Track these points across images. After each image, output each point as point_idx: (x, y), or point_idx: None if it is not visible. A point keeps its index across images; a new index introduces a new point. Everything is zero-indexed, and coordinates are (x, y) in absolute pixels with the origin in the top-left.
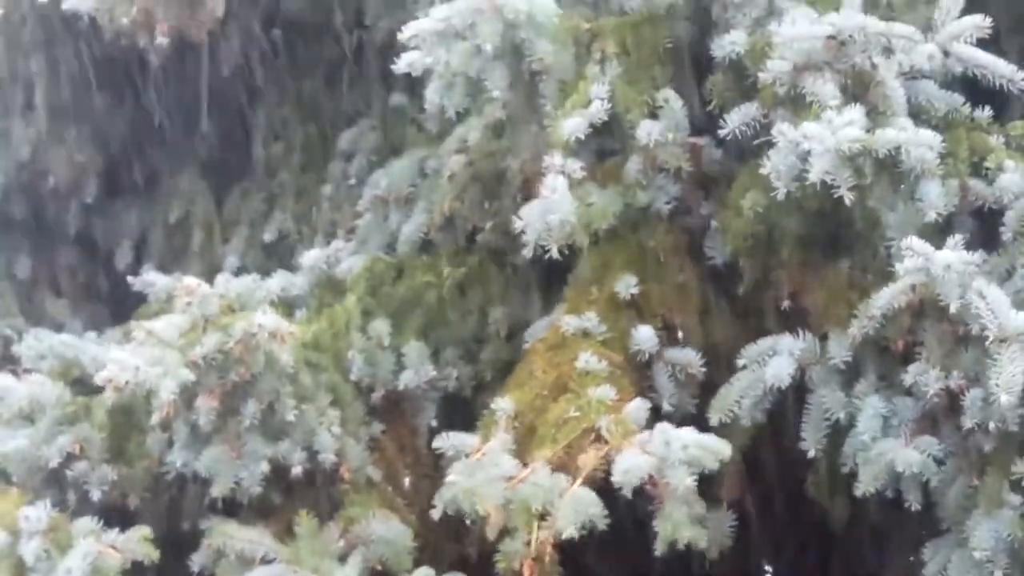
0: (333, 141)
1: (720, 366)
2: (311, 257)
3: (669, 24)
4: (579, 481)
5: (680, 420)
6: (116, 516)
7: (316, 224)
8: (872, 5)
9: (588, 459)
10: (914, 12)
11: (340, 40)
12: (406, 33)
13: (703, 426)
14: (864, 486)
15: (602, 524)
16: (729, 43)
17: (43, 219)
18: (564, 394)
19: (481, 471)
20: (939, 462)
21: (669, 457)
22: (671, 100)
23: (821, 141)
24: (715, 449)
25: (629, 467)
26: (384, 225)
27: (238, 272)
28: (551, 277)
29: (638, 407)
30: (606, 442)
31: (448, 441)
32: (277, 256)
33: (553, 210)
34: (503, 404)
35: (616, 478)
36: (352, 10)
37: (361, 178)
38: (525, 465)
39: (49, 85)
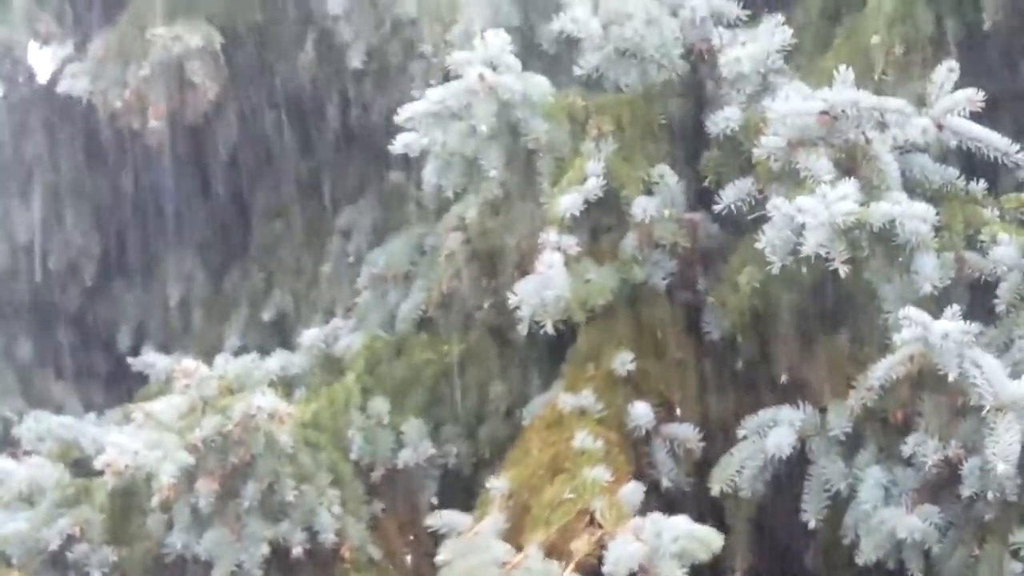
0: (332, 219)
1: (718, 441)
2: (310, 336)
3: (664, 101)
4: (571, 567)
5: (678, 496)
6: None
7: (315, 302)
8: (866, 80)
9: (581, 544)
10: (908, 86)
11: (338, 119)
12: (402, 115)
13: (702, 501)
14: (866, 555)
15: None
16: (723, 119)
17: (43, 301)
18: (560, 474)
19: (474, 554)
20: (940, 530)
21: (660, 548)
22: (666, 176)
23: (815, 215)
24: (706, 540)
25: (620, 556)
26: (383, 303)
27: (238, 351)
28: (550, 354)
29: (633, 490)
30: (599, 526)
31: (442, 519)
32: (277, 335)
33: (549, 286)
34: (498, 483)
35: (607, 568)
36: (349, 89)
37: (360, 256)
38: (519, 547)
39: (47, 167)
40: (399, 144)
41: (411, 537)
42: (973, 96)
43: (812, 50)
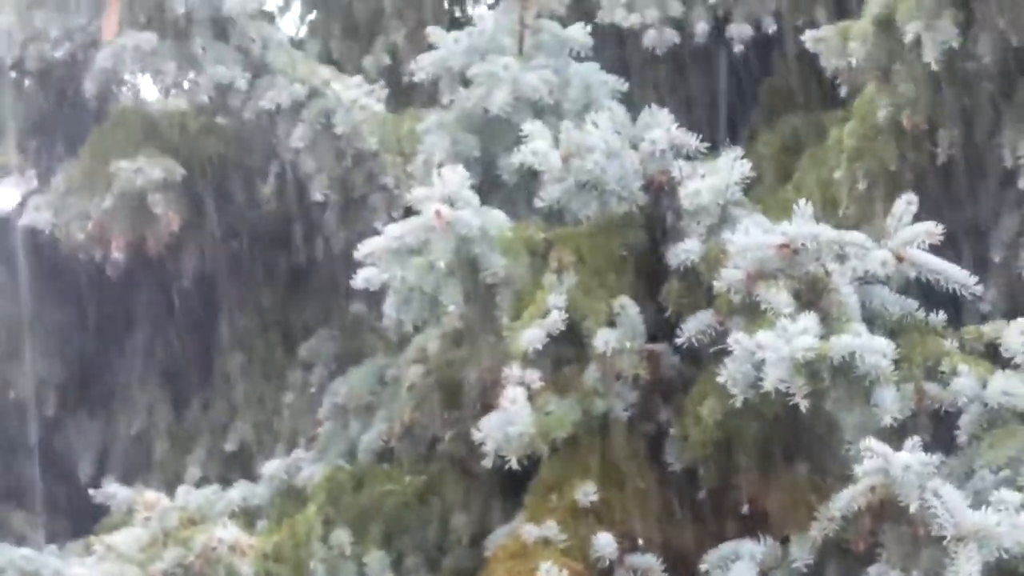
0: (293, 350)
1: (682, 571)
2: (272, 467)
3: (624, 233)
4: None
5: None
6: None
7: (277, 433)
8: (828, 213)
9: None
10: (871, 221)
11: (300, 250)
12: (362, 251)
13: None
14: None
15: None
16: (684, 251)
17: (3, 432)
18: None
19: None
20: None
21: None
22: (628, 308)
23: (776, 350)
24: None
25: None
26: (344, 434)
27: (200, 482)
28: (512, 484)
29: None
30: None
31: None
32: (239, 465)
33: (513, 422)
34: None
35: None
36: (311, 220)
37: (321, 386)
38: None
39: (7, 298)
40: (359, 279)
41: None
42: (932, 229)
43: (773, 182)
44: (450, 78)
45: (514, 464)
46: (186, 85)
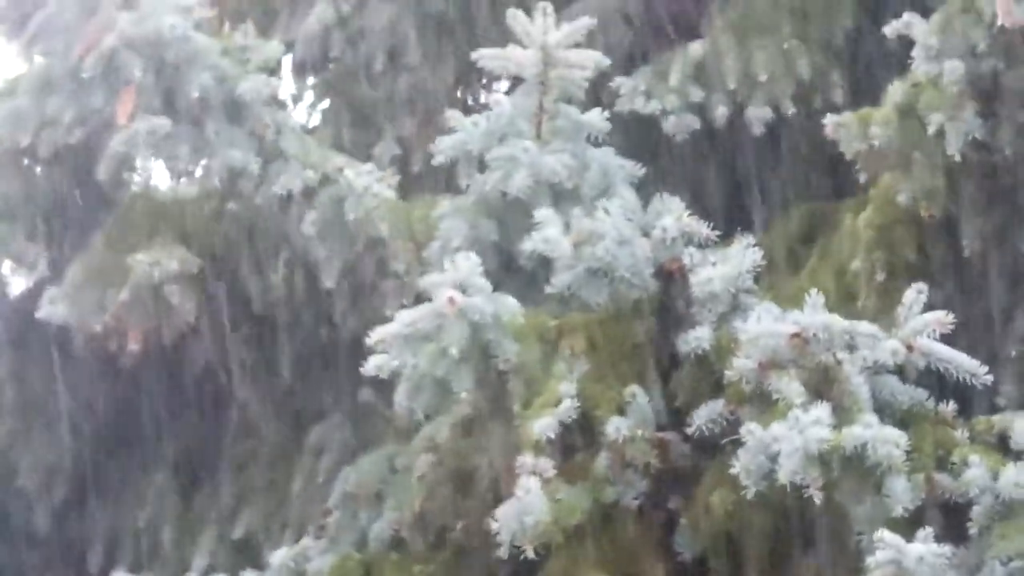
0: (303, 437)
1: None
2: (280, 556)
3: (635, 320)
4: None
5: None
6: None
7: (286, 521)
8: (840, 302)
9: None
10: (889, 313)
11: (310, 337)
12: (373, 338)
13: None
14: None
15: None
16: (695, 339)
17: (12, 520)
18: None
19: None
20: None
21: None
22: (638, 396)
23: (790, 442)
24: None
25: None
26: (354, 522)
27: (207, 572)
28: (523, 573)
29: None
30: None
31: None
32: (247, 554)
33: (528, 512)
34: None
35: None
36: (322, 307)
37: (331, 474)
38: None
39: (18, 386)
40: (370, 366)
41: None
42: (943, 318)
43: (786, 271)
44: (468, 162)
45: (530, 554)
46: (198, 170)
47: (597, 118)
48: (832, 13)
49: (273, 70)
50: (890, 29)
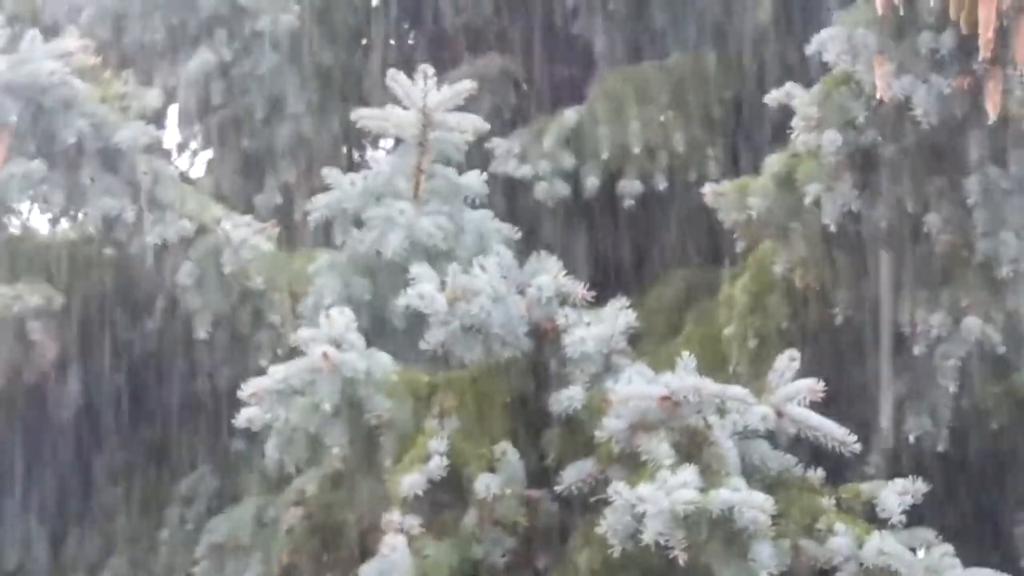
0: (173, 486)
1: None
2: None
3: (508, 378)
4: None
5: None
6: None
7: (153, 570)
8: (716, 367)
9: None
10: (760, 378)
11: (182, 386)
12: (246, 391)
13: None
14: None
15: None
16: (567, 398)
17: None
18: None
19: None
20: None
21: None
22: (508, 454)
23: (656, 503)
24: None
25: None
26: (221, 573)
27: None
28: None
29: None
30: None
31: None
32: None
33: (393, 569)
34: None
35: None
36: (195, 358)
37: (199, 524)
38: None
39: None
40: (242, 419)
41: None
42: (813, 386)
43: (662, 335)
44: (344, 220)
45: None
46: (76, 216)
47: (475, 180)
48: (713, 83)
49: (156, 117)
50: (771, 98)
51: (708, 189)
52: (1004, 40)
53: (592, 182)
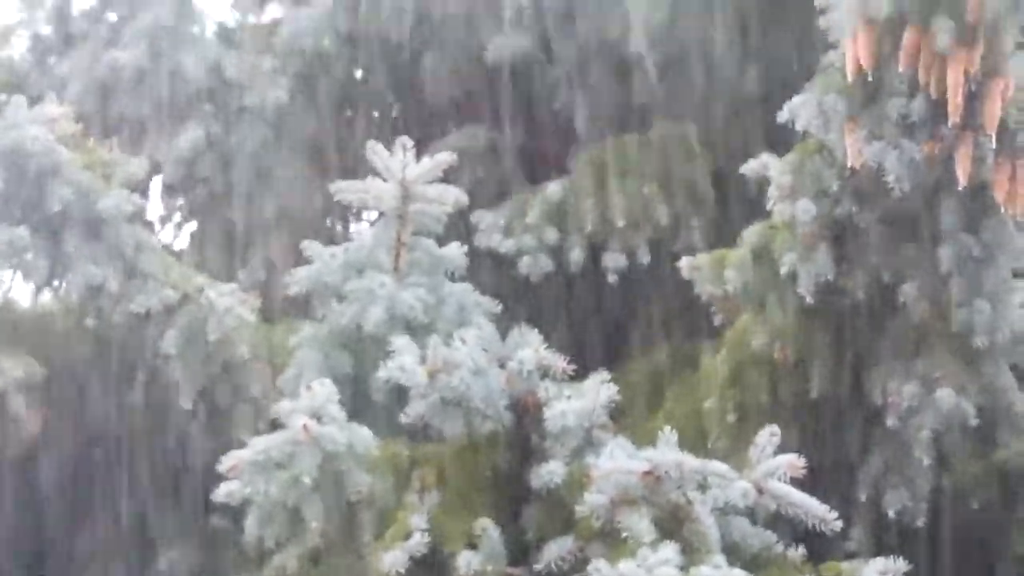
0: (152, 561)
1: None
2: None
3: (488, 452)
4: None
5: None
6: None
7: None
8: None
9: None
10: (740, 452)
11: (163, 459)
12: (225, 464)
13: None
14: None
15: None
16: (547, 473)
17: None
18: None
19: None
20: None
21: None
22: (489, 530)
23: None
24: None
25: None
26: None
27: None
28: None
29: None
30: None
31: None
32: None
33: None
34: None
35: None
36: (176, 430)
37: None
38: None
39: None
40: (221, 492)
41: None
42: (795, 462)
43: (644, 410)
44: (325, 293)
45: None
46: (58, 285)
47: (455, 253)
48: (695, 155)
49: (140, 189)
50: (748, 169)
51: (685, 262)
52: (973, 105)
53: (576, 256)
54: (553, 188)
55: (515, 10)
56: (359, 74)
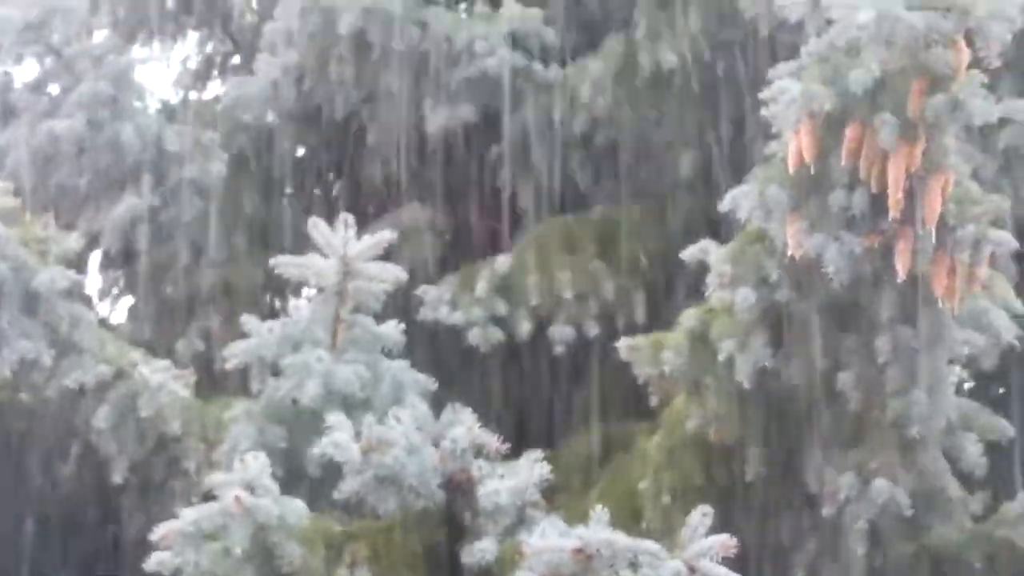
0: None
1: None
2: None
3: (421, 529)
4: None
5: None
6: None
7: None
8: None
9: None
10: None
11: (95, 533)
12: (156, 534)
13: None
14: None
15: None
16: (479, 551)
17: None
18: None
19: None
20: None
21: None
22: None
23: None
24: None
25: None
26: None
27: None
28: None
29: None
30: None
31: None
32: None
33: None
34: None
35: None
36: (109, 504)
37: None
38: None
39: None
40: (152, 563)
41: None
42: (727, 542)
43: (579, 489)
44: (262, 367)
45: None
46: None
47: (393, 330)
48: (637, 235)
49: (77, 263)
50: (687, 255)
51: (623, 344)
52: (914, 200)
53: (524, 328)
54: (501, 261)
55: (458, 85)
56: (300, 150)
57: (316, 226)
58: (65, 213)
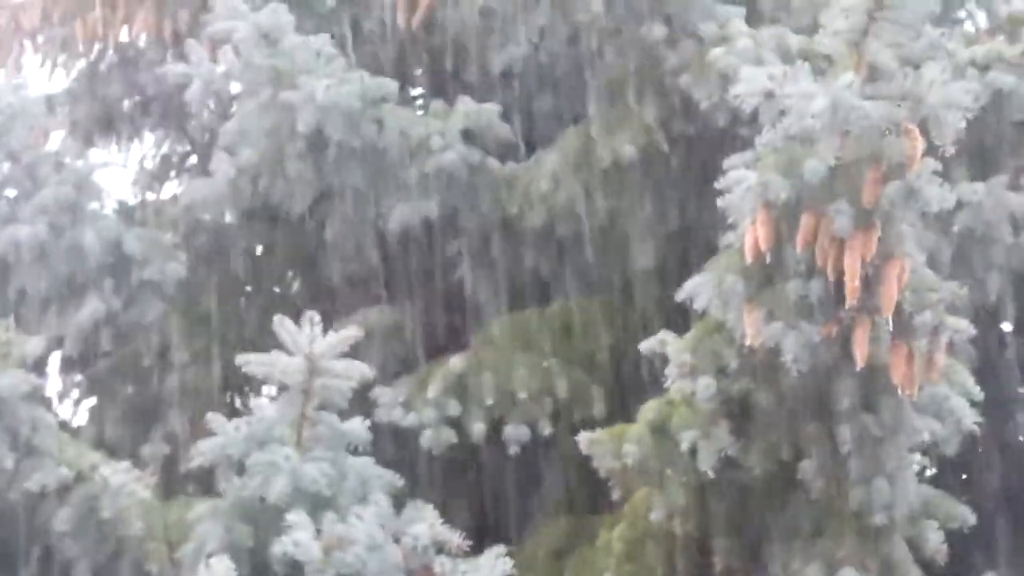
0: None
1: None
2: None
3: None
4: None
5: None
6: None
7: None
8: None
9: None
10: None
11: None
12: None
13: None
14: None
15: None
16: None
17: None
18: None
19: None
20: None
21: None
22: None
23: None
24: None
25: None
26: None
27: None
28: None
29: None
30: None
31: None
32: None
33: None
34: None
35: None
36: None
37: None
38: None
39: None
40: None
41: None
42: None
43: None
44: (228, 466)
45: None
46: None
47: (358, 427)
48: (595, 329)
49: (38, 366)
50: (645, 346)
51: (583, 437)
52: (870, 288)
53: (478, 428)
54: (455, 361)
55: (416, 181)
56: (259, 248)
57: (282, 324)
58: (25, 317)
